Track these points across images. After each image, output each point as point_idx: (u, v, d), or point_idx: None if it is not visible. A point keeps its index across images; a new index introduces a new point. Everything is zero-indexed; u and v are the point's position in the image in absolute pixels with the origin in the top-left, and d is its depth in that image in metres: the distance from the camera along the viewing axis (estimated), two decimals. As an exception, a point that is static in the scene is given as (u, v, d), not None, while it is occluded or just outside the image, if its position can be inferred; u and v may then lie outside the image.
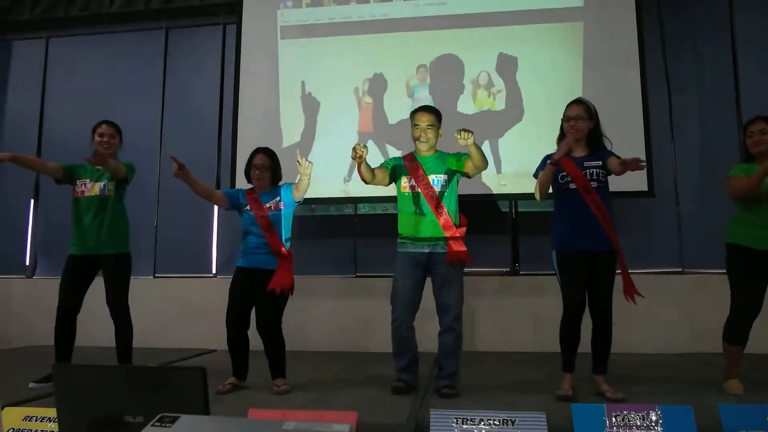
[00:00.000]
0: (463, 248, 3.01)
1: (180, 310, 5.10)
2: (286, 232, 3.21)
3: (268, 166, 3.24)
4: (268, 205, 3.19)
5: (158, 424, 1.05)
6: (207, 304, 4.92)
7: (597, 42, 4.75)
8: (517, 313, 4.72)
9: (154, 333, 4.88)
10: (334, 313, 4.93)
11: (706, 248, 4.59)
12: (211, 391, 2.93)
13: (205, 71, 5.60)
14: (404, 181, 3.11)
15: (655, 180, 4.60)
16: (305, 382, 3.32)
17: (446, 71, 4.91)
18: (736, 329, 3.00)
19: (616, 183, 3.07)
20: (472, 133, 2.85)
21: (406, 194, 3.09)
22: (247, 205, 3.22)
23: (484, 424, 2.31)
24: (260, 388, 3.17)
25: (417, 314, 3.11)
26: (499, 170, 4.73)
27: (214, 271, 5.34)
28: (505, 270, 4.99)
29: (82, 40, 5.87)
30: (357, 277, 5.09)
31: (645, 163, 2.81)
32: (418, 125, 3.11)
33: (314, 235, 5.23)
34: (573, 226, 2.91)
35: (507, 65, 4.83)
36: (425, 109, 3.16)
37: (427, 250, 3.03)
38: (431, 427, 2.33)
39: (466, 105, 4.86)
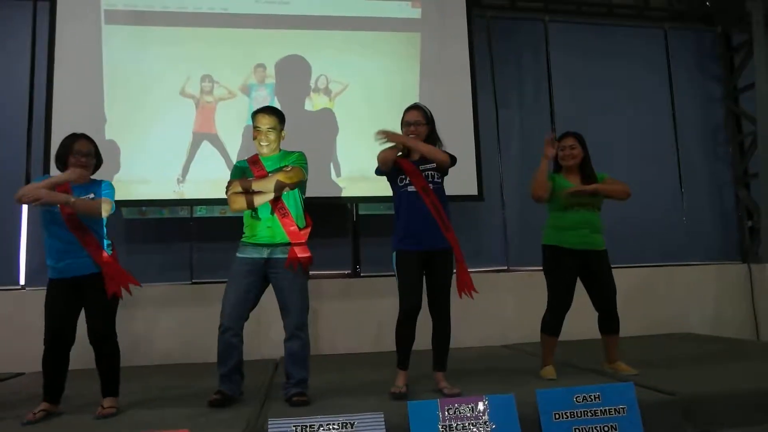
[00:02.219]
0: (307, 253, 2.97)
1: (-22, 328, 4.39)
2: (102, 235, 2.85)
3: (93, 154, 2.90)
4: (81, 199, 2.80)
5: None
6: (13, 320, 4.31)
7: (433, 54, 5.01)
8: (358, 314, 4.79)
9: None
10: (169, 323, 4.59)
11: (528, 248, 5.05)
12: (19, 422, 2.57)
13: (11, 51, 4.88)
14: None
15: (484, 185, 4.97)
16: (135, 400, 3.02)
17: (292, 72, 4.84)
18: (551, 322, 3.33)
19: (449, 187, 3.23)
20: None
21: None
22: None
23: (324, 429, 2.29)
24: (80, 411, 2.83)
25: (260, 319, 2.99)
26: (338, 173, 4.77)
27: (22, 282, 4.68)
28: (346, 272, 5.04)
29: None
30: (193, 283, 4.80)
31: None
32: (258, 127, 3.01)
33: (145, 240, 4.84)
34: (411, 227, 2.99)
35: (346, 70, 4.89)
36: (266, 110, 3.07)
37: (265, 255, 2.93)
38: (269, 438, 2.25)
39: (311, 105, 4.84)
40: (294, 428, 2.28)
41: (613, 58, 5.80)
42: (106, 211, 2.84)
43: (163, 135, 4.60)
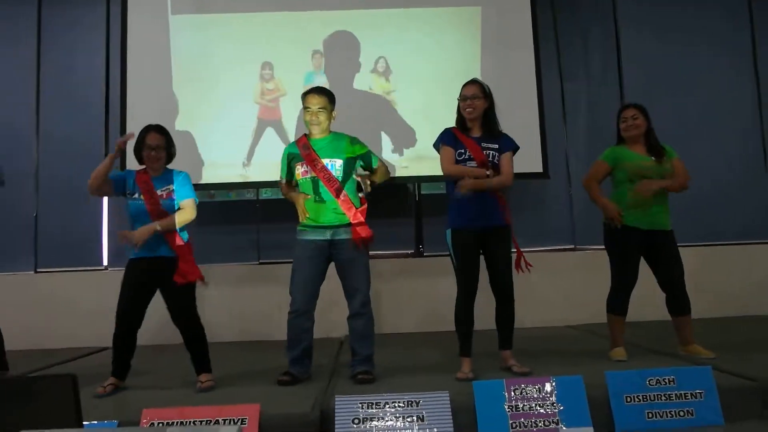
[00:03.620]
0: (368, 232, 2.99)
1: (68, 306, 4.72)
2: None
3: (163, 146, 3.00)
4: (160, 192, 2.94)
5: (18, 442, 0.92)
6: (98, 298, 4.57)
7: (494, 28, 4.87)
8: (421, 294, 4.80)
9: (39, 332, 4.51)
10: (237, 302, 4.77)
11: (595, 226, 4.87)
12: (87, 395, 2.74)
13: (87, 45, 5.15)
14: (299, 168, 3.02)
15: (549, 162, 4.83)
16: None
17: (342, 48, 4.83)
18: (617, 301, 3.23)
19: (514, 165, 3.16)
20: (371, 181, 3.08)
21: (303, 180, 3.01)
22: (135, 192, 2.94)
23: (389, 407, 2.33)
24: (155, 387, 3.01)
25: (324, 299, 3.05)
26: (400, 153, 4.75)
27: (105, 263, 4.98)
28: (409, 252, 5.05)
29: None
30: (260, 264, 4.95)
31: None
32: (309, 108, 3.02)
33: (214, 222, 5.02)
34: (469, 203, 2.92)
35: (405, 48, 4.83)
36: (316, 91, 3.07)
37: (328, 237, 2.97)
38: (336, 414, 2.31)
39: (362, 83, 4.82)
40: (360, 405, 2.34)
41: (688, 23, 5.39)
42: (189, 212, 2.97)
43: (229, 120, 4.72)
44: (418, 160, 4.68)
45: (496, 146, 3.00)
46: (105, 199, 4.99)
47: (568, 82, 5.30)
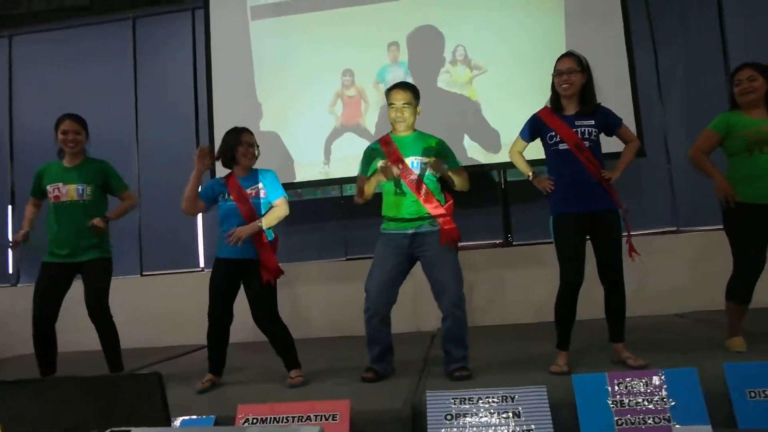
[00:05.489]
0: (453, 227, 2.88)
1: (170, 306, 4.99)
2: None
3: (255, 144, 3.11)
4: (248, 191, 3.03)
5: (105, 440, 0.93)
6: (196, 298, 4.75)
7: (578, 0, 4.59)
8: (512, 284, 4.64)
9: (146, 332, 4.79)
10: (326, 299, 4.83)
11: (700, 205, 4.51)
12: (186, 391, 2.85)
13: (177, 58, 5.43)
14: (380, 165, 2.93)
15: (645, 139, 4.49)
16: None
17: (425, 43, 4.74)
18: (740, 289, 2.88)
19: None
20: (442, 166, 2.85)
21: None
22: (226, 193, 3.03)
23: (483, 403, 2.24)
24: (249, 382, 3.09)
25: (413, 292, 2.97)
26: (482, 142, 4.60)
27: (201, 265, 5.22)
28: (497, 241, 4.89)
29: (46, 37, 5.66)
30: (347, 260, 4.98)
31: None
32: (393, 104, 2.94)
33: (301, 220, 5.11)
34: (568, 188, 2.74)
35: (483, 31, 4.66)
36: (401, 86, 2.98)
37: (410, 231, 2.89)
38: (428, 410, 2.25)
39: (445, 80, 4.71)
40: (453, 401, 2.26)
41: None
42: (282, 209, 3.03)
43: (309, 121, 4.79)
44: (504, 146, 4.51)
45: (592, 122, 2.77)
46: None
47: (662, 52, 4.89)
